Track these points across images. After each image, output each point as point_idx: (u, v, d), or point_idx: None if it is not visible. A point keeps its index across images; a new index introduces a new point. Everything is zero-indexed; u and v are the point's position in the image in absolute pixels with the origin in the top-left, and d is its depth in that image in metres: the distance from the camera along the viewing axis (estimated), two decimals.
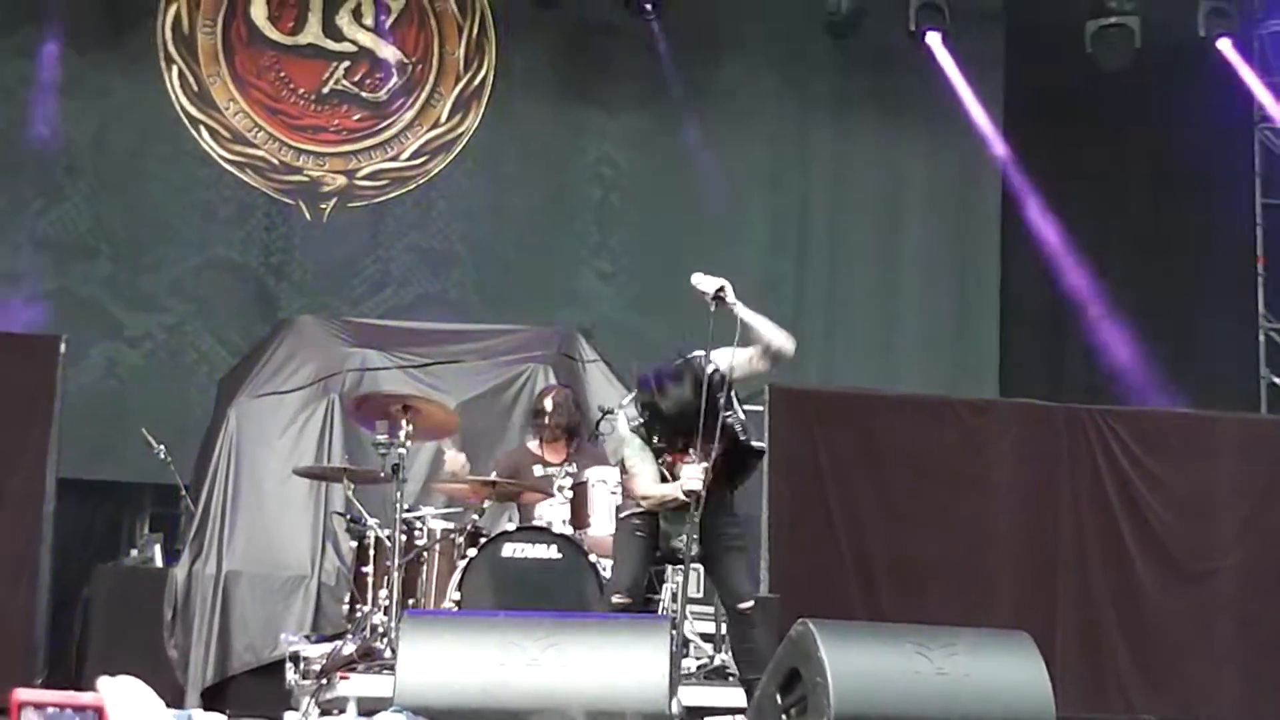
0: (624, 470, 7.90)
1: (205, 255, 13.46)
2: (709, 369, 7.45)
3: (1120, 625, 8.47)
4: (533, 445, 9.99)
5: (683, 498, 7.49)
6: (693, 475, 7.43)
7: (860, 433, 11.39)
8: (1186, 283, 14.88)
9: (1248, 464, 11.04)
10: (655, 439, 7.64)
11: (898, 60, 14.41)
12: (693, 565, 7.81)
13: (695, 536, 7.46)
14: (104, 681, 1.38)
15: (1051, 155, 15.10)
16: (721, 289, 7.50)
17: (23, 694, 1.44)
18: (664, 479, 7.66)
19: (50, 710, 1.43)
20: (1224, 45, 14.61)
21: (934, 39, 14.24)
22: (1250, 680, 8.51)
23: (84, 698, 1.40)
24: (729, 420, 7.56)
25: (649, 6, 13.65)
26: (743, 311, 7.57)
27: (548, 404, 9.89)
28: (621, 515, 7.92)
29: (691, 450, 7.53)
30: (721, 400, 7.49)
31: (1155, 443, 11.21)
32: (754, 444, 7.80)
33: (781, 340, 7.70)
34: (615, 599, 7.72)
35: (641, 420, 7.62)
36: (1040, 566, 11.27)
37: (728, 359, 7.51)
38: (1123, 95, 14.74)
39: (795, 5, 14.23)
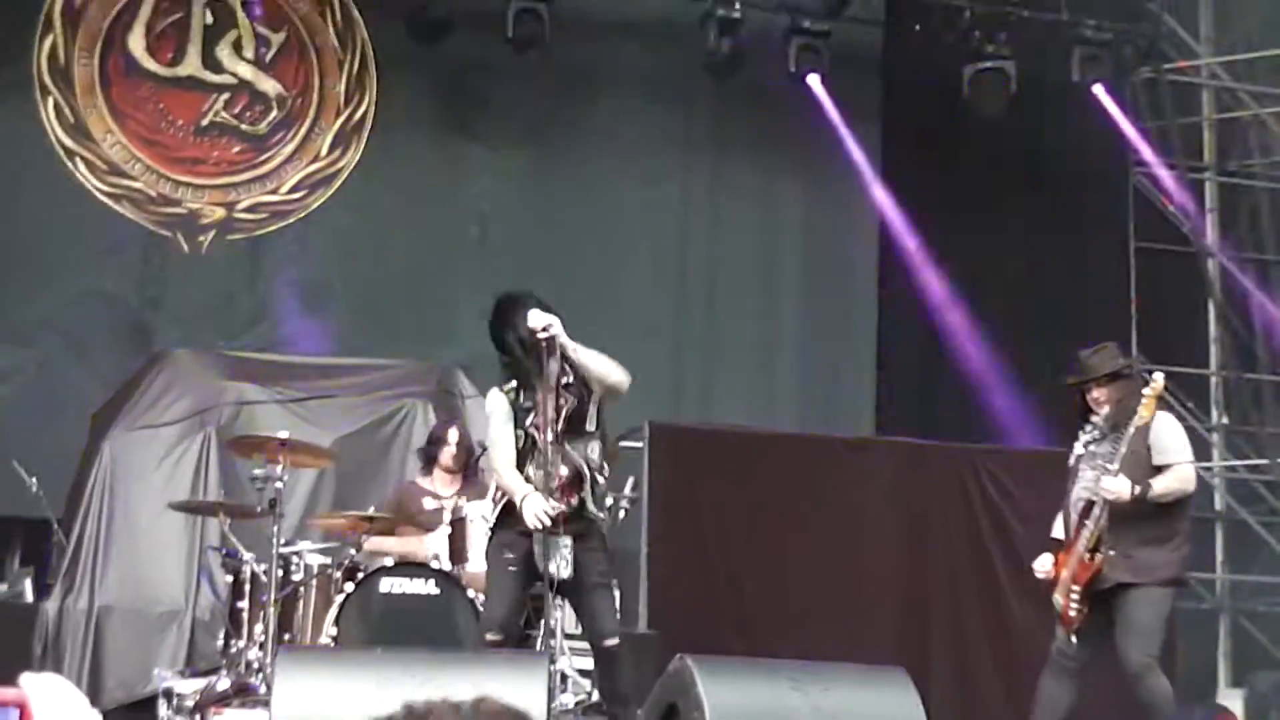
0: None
1: (79, 288, 13.32)
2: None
3: (994, 659, 8.58)
4: (422, 480, 9.98)
5: (520, 507, 7.52)
6: (537, 508, 7.47)
7: (738, 470, 11.46)
8: (1061, 324, 15.06)
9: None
10: (520, 395, 7.73)
11: (777, 101, 14.54)
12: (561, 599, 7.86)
13: (565, 562, 7.50)
14: (27, 677, 1.38)
15: (929, 197, 15.25)
16: (547, 326, 7.55)
17: None
18: (525, 454, 7.72)
19: None
20: (1098, 90, 14.86)
21: (814, 80, 14.36)
22: (1125, 715, 8.62)
23: (6, 693, 1.39)
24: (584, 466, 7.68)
25: (531, 45, 13.67)
26: (575, 352, 7.65)
27: (451, 435, 9.91)
28: (490, 539, 7.93)
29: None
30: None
31: (1028, 481, 11.35)
32: (594, 501, 7.84)
33: (617, 376, 7.77)
34: (489, 636, 7.72)
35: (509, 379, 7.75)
36: (916, 602, 11.40)
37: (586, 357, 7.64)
38: (1000, 138, 14.96)
39: (675, 44, 14.29)
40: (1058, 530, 8.38)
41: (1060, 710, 8.14)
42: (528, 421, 7.71)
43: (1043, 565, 8.26)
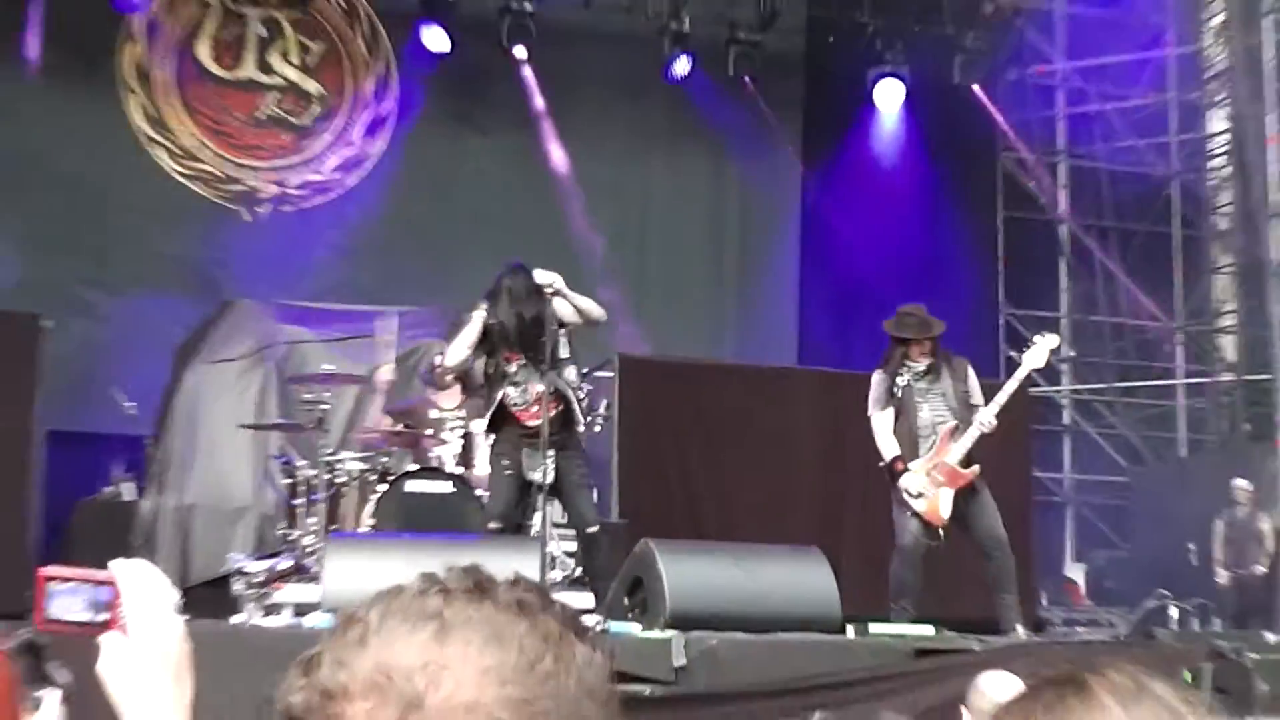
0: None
1: (163, 251, 13.28)
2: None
3: (891, 543, 8.70)
4: (431, 396, 10.04)
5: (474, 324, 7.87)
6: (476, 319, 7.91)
7: (689, 393, 11.53)
8: (946, 276, 15.18)
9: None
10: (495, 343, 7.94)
11: (720, 96, 14.57)
12: (550, 497, 7.97)
13: (551, 467, 7.63)
14: (116, 562, 1.40)
15: (841, 173, 15.34)
16: (552, 284, 7.73)
17: (47, 570, 1.48)
18: (499, 374, 7.95)
19: (71, 584, 1.46)
20: (975, 89, 14.97)
21: (748, 81, 14.43)
22: (987, 586, 8.81)
23: (100, 574, 1.42)
24: (566, 389, 7.83)
25: (521, 52, 13.75)
26: (572, 298, 7.86)
27: (437, 360, 9.94)
28: (491, 448, 8.07)
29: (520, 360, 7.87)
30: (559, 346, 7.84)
31: None
32: (580, 416, 7.98)
33: (599, 313, 8.01)
34: (490, 525, 7.87)
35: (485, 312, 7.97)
36: (831, 499, 11.47)
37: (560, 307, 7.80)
38: (896, 126, 15.07)
39: (637, 53, 14.31)
40: (893, 449, 8.32)
41: (918, 592, 8.28)
42: (499, 356, 7.96)
43: (920, 486, 8.26)
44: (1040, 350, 8.52)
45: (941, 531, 8.24)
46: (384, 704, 1.16)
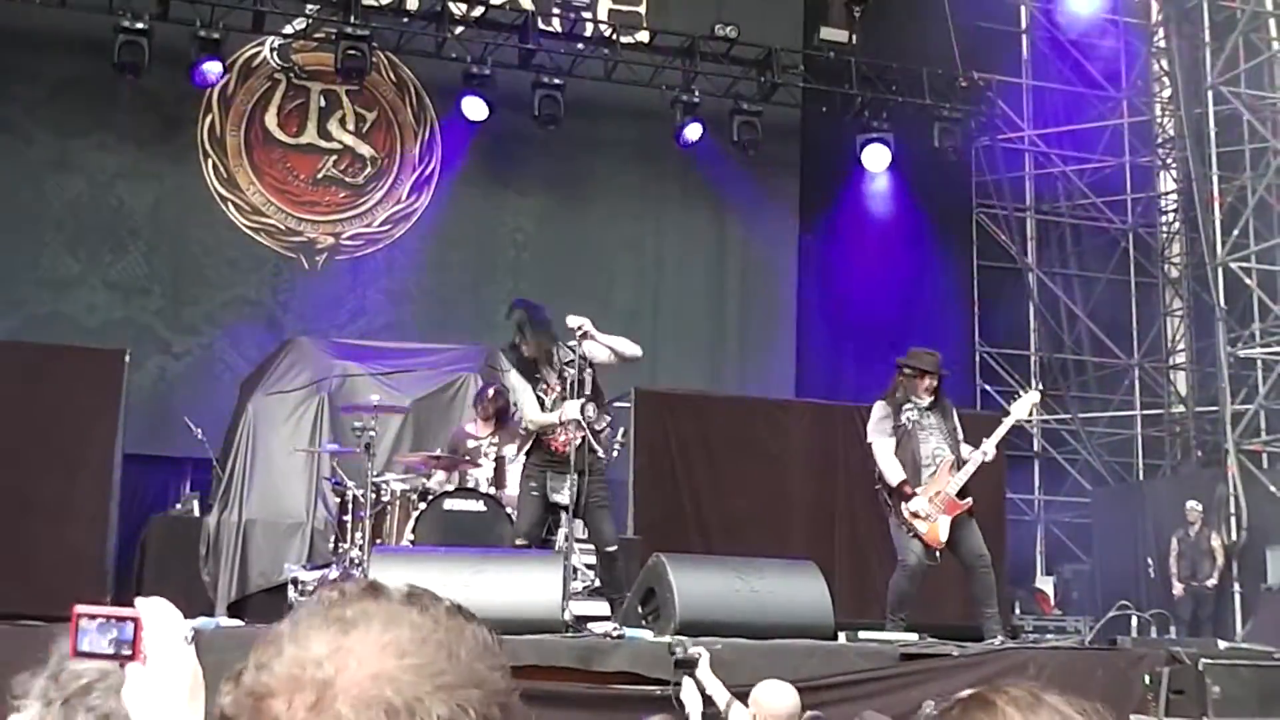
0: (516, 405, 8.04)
1: (231, 294, 13.33)
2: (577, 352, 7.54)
3: (878, 557, 8.54)
4: (469, 426, 9.87)
5: (560, 421, 7.52)
6: (570, 410, 7.47)
7: (698, 422, 11.46)
8: (927, 318, 15.07)
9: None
10: (529, 370, 7.72)
11: (725, 160, 14.51)
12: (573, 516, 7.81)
13: (574, 490, 7.48)
14: (139, 600, 1.35)
15: (834, 228, 15.27)
16: (581, 326, 7.50)
17: (80, 608, 1.39)
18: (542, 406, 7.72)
19: (99, 621, 1.38)
20: (950, 152, 14.86)
21: (750, 146, 14.32)
22: (966, 596, 8.65)
23: (124, 611, 1.36)
24: (592, 424, 7.61)
25: (551, 121, 13.66)
26: (602, 338, 7.63)
27: (489, 392, 9.81)
28: (521, 472, 7.91)
29: (557, 389, 7.65)
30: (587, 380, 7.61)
31: None
32: (598, 446, 7.76)
33: (633, 350, 7.75)
34: (518, 542, 7.78)
35: (513, 346, 7.76)
36: (824, 517, 11.38)
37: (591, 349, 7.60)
38: (883, 186, 14.98)
39: (653, 121, 14.27)
40: (897, 476, 8.07)
41: (915, 604, 8.09)
42: (537, 389, 7.74)
43: (926, 509, 8.04)
44: (1024, 404, 8.40)
45: (938, 554, 8.04)
46: (301, 691, 1.20)
